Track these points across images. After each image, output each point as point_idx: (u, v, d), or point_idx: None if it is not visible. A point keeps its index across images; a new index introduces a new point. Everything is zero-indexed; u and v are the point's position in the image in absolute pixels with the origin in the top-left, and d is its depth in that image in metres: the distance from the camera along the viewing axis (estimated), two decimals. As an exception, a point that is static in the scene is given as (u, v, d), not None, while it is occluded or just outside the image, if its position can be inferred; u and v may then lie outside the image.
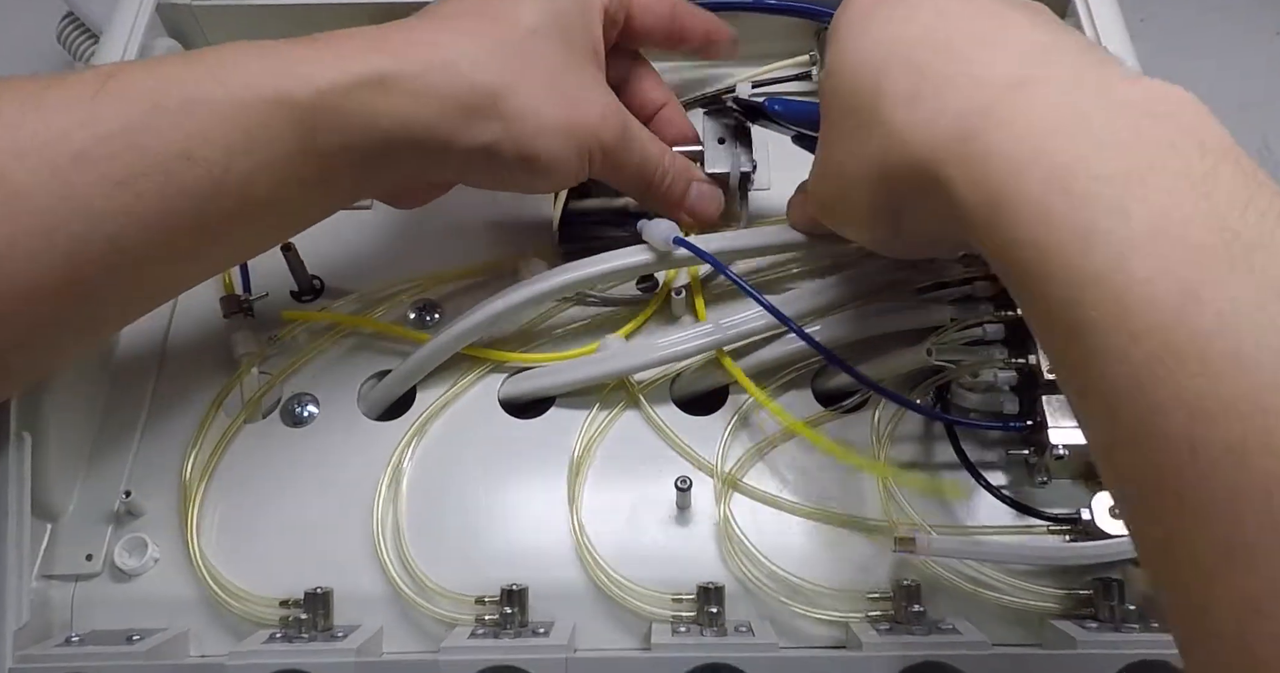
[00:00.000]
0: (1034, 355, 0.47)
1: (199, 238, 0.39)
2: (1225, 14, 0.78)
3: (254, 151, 0.38)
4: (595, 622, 0.45)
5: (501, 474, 0.49)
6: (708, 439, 0.49)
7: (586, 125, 0.44)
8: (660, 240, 0.47)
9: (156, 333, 0.53)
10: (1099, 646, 0.40)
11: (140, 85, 0.37)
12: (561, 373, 0.50)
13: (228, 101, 0.37)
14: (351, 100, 0.39)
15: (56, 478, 0.47)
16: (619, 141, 0.46)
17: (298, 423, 0.50)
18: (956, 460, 0.48)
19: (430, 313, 0.54)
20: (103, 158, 0.35)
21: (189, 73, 0.38)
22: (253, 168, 0.38)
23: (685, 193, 0.51)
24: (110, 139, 0.35)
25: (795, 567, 0.45)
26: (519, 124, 0.42)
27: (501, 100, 0.42)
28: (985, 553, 0.44)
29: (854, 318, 0.50)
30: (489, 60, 0.42)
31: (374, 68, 0.39)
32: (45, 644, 0.43)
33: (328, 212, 0.45)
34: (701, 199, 0.51)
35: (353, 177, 0.42)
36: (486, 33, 0.43)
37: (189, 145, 0.36)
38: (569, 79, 0.44)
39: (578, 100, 0.44)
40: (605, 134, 0.45)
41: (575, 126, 0.44)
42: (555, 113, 0.43)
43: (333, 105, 0.39)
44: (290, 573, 0.46)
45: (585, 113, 0.44)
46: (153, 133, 0.36)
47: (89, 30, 0.69)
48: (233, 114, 0.37)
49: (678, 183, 0.50)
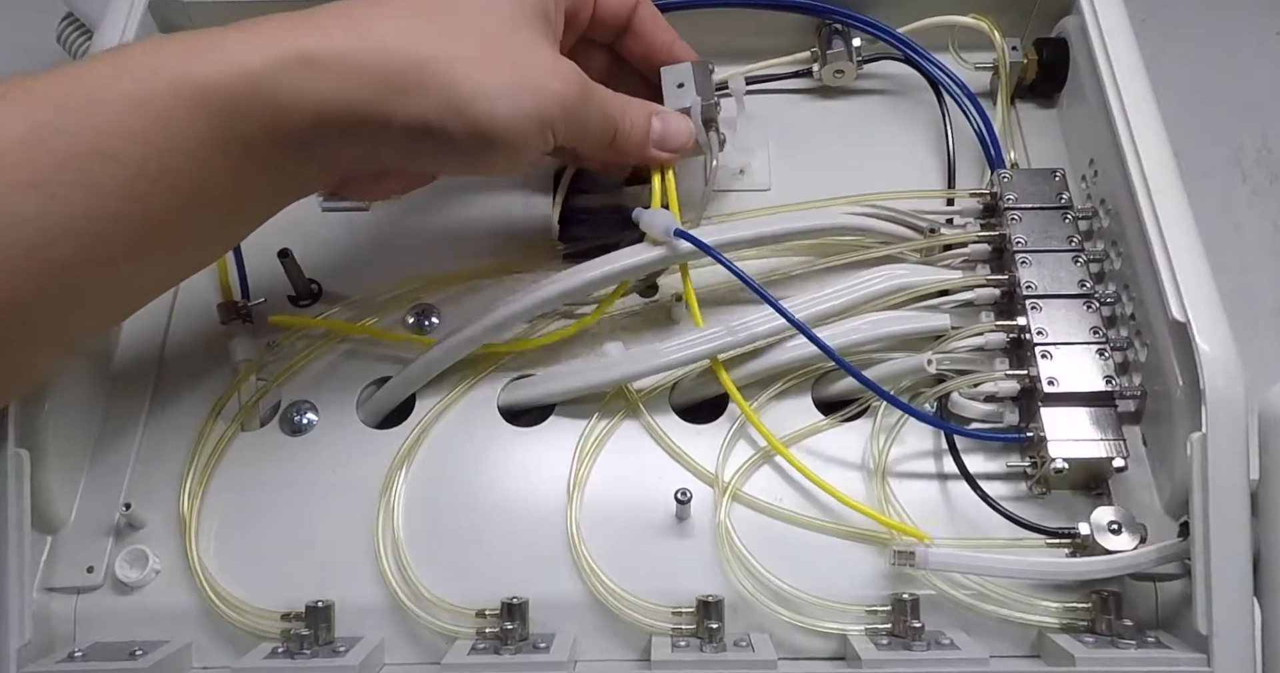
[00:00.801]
0: (1034, 367, 0.47)
1: (137, 239, 0.38)
2: (1225, 14, 0.77)
3: (172, 142, 0.36)
4: (594, 634, 0.45)
5: (501, 483, 0.49)
6: (707, 448, 0.49)
7: (537, 87, 0.42)
8: (659, 232, 0.47)
9: (153, 340, 0.53)
10: (1098, 663, 0.41)
11: (40, 90, 0.35)
12: (561, 380, 0.50)
13: (136, 94, 0.36)
14: (273, 82, 0.37)
15: (56, 490, 0.47)
16: (578, 101, 0.43)
17: (296, 431, 0.50)
18: (955, 472, 0.48)
19: (428, 317, 0.53)
20: (9, 164, 0.34)
21: (94, 71, 0.36)
22: (174, 159, 0.37)
23: (648, 130, 0.48)
24: (15, 144, 0.34)
25: (794, 578, 0.45)
26: (455, 92, 0.40)
27: (433, 69, 0.40)
28: (984, 568, 0.44)
29: (854, 326, 0.49)
30: (419, 30, 0.40)
31: (299, 47, 0.38)
32: (48, 660, 0.43)
33: (276, 202, 0.43)
34: (667, 131, 0.49)
35: (287, 163, 0.40)
36: (415, 6, 0.41)
37: (101, 142, 0.35)
38: (512, 41, 0.42)
39: (522, 62, 0.42)
40: (561, 93, 0.42)
41: (522, 89, 0.41)
42: (497, 78, 0.41)
43: (253, 88, 0.37)
44: (291, 584, 0.46)
45: (532, 75, 0.42)
46: (60, 133, 0.35)
47: (89, 30, 0.68)
48: (144, 106, 0.36)
49: (638, 123, 0.48)
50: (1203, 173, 0.70)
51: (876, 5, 0.59)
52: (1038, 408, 0.47)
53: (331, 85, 0.38)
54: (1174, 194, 0.47)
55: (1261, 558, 0.41)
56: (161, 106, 0.36)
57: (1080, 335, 0.48)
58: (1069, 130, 0.59)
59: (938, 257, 0.53)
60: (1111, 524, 0.44)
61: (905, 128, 0.60)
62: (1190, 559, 0.41)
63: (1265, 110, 0.73)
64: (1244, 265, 0.68)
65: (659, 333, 0.53)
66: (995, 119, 0.58)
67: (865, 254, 0.52)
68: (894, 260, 0.52)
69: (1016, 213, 0.52)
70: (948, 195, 0.55)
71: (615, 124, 0.46)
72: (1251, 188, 0.70)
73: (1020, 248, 0.51)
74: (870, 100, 0.61)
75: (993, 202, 0.54)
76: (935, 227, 0.53)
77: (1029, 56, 0.59)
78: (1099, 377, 0.47)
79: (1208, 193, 0.70)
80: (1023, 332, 0.49)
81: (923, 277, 0.51)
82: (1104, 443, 0.46)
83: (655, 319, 0.53)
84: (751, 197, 0.57)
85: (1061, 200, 0.52)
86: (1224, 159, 0.71)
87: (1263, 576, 0.41)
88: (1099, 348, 0.48)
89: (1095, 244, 0.53)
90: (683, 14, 0.58)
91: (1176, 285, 0.44)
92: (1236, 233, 0.69)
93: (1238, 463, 0.41)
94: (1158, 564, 0.43)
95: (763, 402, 0.50)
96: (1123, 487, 0.47)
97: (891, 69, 0.60)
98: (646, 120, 0.48)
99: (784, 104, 0.61)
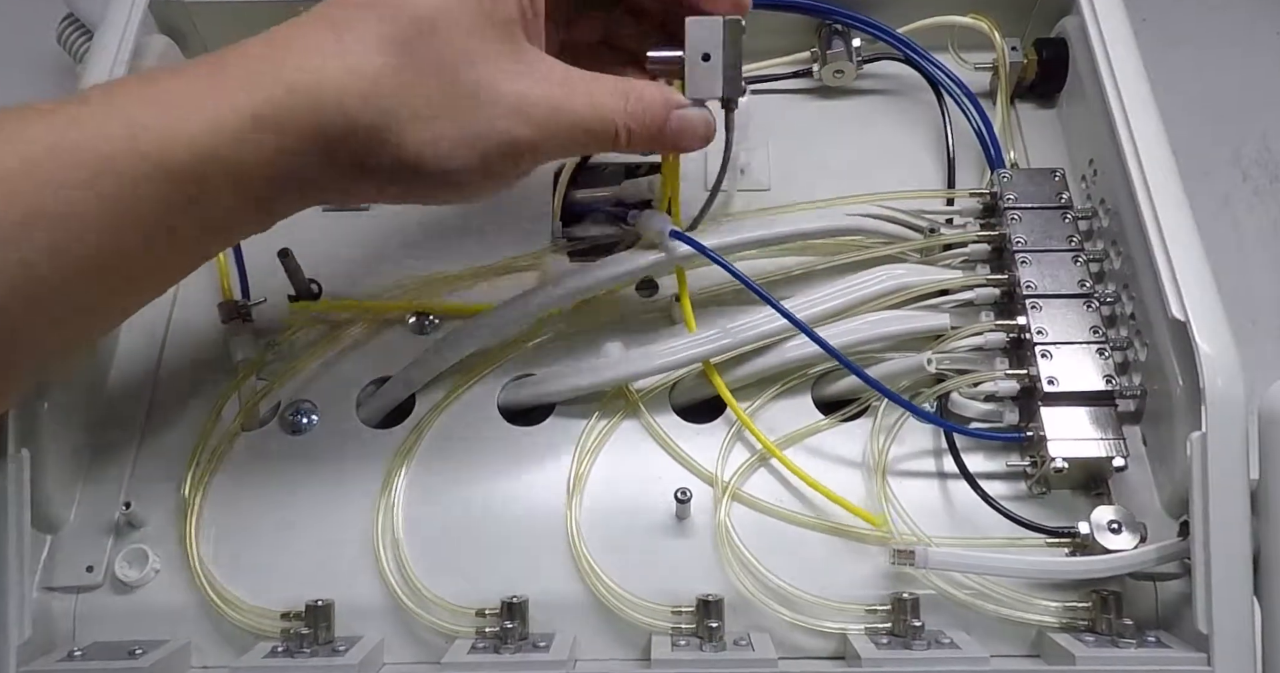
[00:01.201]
0: (1034, 367, 0.47)
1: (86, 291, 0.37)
2: (1225, 14, 0.77)
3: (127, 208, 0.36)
4: (594, 633, 0.45)
5: (501, 483, 0.49)
6: (707, 447, 0.49)
7: (491, 134, 0.39)
8: (655, 234, 0.47)
9: (153, 340, 0.53)
10: (1098, 662, 0.41)
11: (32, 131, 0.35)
12: (561, 380, 0.50)
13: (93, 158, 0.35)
14: (224, 151, 0.36)
15: (56, 490, 0.47)
16: (545, 133, 0.40)
17: (296, 431, 0.50)
18: (955, 471, 0.48)
19: (429, 317, 0.53)
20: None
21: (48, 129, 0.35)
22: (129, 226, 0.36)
23: (663, 125, 0.43)
24: None
25: (794, 578, 0.45)
26: (407, 153, 0.38)
27: (382, 134, 0.38)
28: (984, 567, 0.44)
29: (854, 326, 0.49)
30: (372, 78, 0.37)
31: (250, 109, 0.36)
32: (48, 659, 0.43)
33: (232, 240, 0.44)
34: (685, 128, 0.44)
35: (246, 214, 0.39)
36: (373, 37, 0.38)
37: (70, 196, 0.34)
38: (468, 78, 0.39)
39: (477, 108, 0.39)
40: (520, 136, 0.40)
41: (477, 140, 0.39)
42: (449, 130, 0.39)
43: (203, 160, 0.36)
44: (290, 583, 0.46)
45: (486, 121, 0.39)
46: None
47: (89, 31, 0.69)
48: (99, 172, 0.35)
49: (651, 118, 0.43)
50: (1203, 173, 0.70)
51: (876, 5, 0.59)
52: (1037, 407, 0.47)
53: (282, 151, 0.37)
54: (1174, 194, 0.47)
55: (1261, 557, 0.41)
56: (118, 175, 0.35)
57: (1080, 335, 0.48)
58: (1069, 130, 0.59)
59: (938, 256, 0.53)
60: (1111, 524, 0.44)
61: (905, 128, 0.60)
62: (1190, 559, 0.41)
63: (1265, 110, 0.73)
64: (1244, 265, 0.68)
65: (659, 333, 0.53)
66: (995, 119, 0.58)
67: (865, 254, 0.52)
68: (894, 260, 0.52)
69: (1016, 213, 0.52)
70: (947, 195, 0.56)
71: (610, 133, 0.42)
72: (1251, 188, 0.70)
73: (1020, 247, 0.51)
74: (870, 100, 0.61)
75: (992, 201, 0.54)
76: (935, 226, 0.53)
77: (1029, 56, 0.59)
78: (1099, 376, 0.47)
79: (1208, 193, 0.70)
80: (1022, 331, 0.49)
81: (922, 276, 0.51)
82: (1104, 442, 0.46)
83: (656, 319, 0.53)
84: (751, 196, 0.57)
85: (1061, 200, 0.52)
86: (1224, 159, 0.71)
87: (1263, 575, 0.41)
88: (1099, 347, 0.48)
89: (1095, 244, 0.53)
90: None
91: (1176, 285, 0.44)
92: (1236, 233, 0.69)
93: (1237, 462, 0.41)
94: (1158, 564, 0.43)
95: (763, 402, 0.50)
96: (1122, 486, 0.47)
97: (891, 69, 0.60)
98: (664, 116, 0.43)
99: (784, 104, 0.61)
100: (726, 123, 0.46)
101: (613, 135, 0.42)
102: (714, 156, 0.57)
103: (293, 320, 0.53)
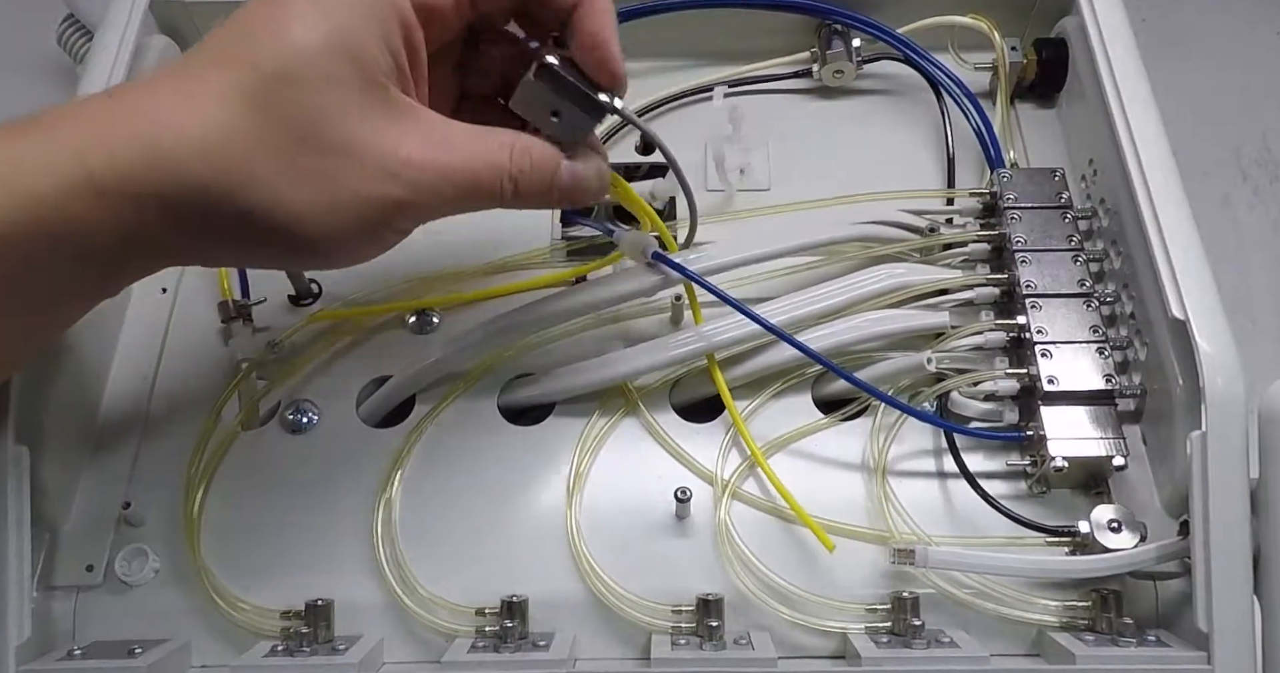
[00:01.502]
0: (1034, 366, 0.47)
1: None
2: (1225, 14, 0.77)
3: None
4: (594, 632, 0.45)
5: (500, 482, 0.49)
6: (707, 446, 0.49)
7: (355, 198, 0.36)
8: (638, 255, 0.47)
9: (153, 339, 0.53)
10: (1098, 661, 0.41)
11: None
12: (561, 379, 0.50)
13: None
14: (65, 211, 0.34)
15: (56, 488, 0.47)
16: (419, 195, 0.37)
17: (296, 430, 0.50)
18: (955, 471, 0.48)
19: (429, 317, 0.53)
20: None
21: None
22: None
23: (551, 180, 0.40)
24: None
25: (794, 577, 0.45)
26: (260, 221, 0.35)
27: (233, 204, 0.35)
28: (984, 566, 0.44)
29: (853, 324, 0.49)
30: (224, 135, 0.34)
31: (85, 171, 0.33)
32: (48, 658, 0.43)
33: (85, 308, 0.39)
34: (576, 184, 0.41)
35: (87, 283, 0.37)
36: (227, 91, 0.35)
37: None
38: (332, 135, 0.35)
39: (340, 168, 0.35)
40: (389, 197, 0.36)
41: (338, 205, 0.36)
42: (308, 196, 0.35)
43: (43, 220, 0.33)
44: (290, 582, 0.46)
45: (350, 183, 0.36)
46: None
47: (89, 32, 0.69)
48: None
49: (539, 173, 0.40)
50: (1203, 173, 0.70)
51: (876, 5, 0.59)
52: (1037, 407, 0.47)
53: (119, 216, 0.34)
54: (1174, 194, 0.47)
55: (1261, 556, 0.41)
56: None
57: (1080, 334, 0.48)
58: (1068, 130, 0.59)
59: (937, 256, 0.53)
60: (1111, 523, 0.44)
61: (905, 128, 0.60)
62: (1190, 558, 0.41)
63: (1265, 110, 0.73)
64: (1244, 265, 0.68)
65: (660, 333, 0.53)
66: (995, 119, 0.58)
67: (865, 253, 0.52)
68: (893, 259, 0.52)
69: (1016, 212, 0.52)
70: (947, 195, 0.56)
71: (495, 186, 0.39)
72: (1252, 188, 0.70)
73: (1020, 247, 0.51)
74: (870, 100, 0.61)
75: (992, 201, 0.54)
76: (935, 226, 0.53)
77: (1028, 57, 0.59)
78: (1099, 375, 0.47)
79: (1208, 193, 0.70)
80: (1022, 330, 0.49)
81: (922, 275, 0.51)
82: (1104, 442, 0.46)
83: (656, 319, 0.53)
84: (751, 196, 0.57)
85: (1061, 200, 0.52)
86: (1224, 159, 0.71)
87: (1263, 574, 0.41)
88: (1099, 347, 0.48)
89: (1095, 243, 0.53)
90: (682, 15, 0.58)
91: (1176, 284, 0.44)
92: (1236, 233, 0.69)
93: (1238, 461, 0.41)
94: (1158, 563, 0.43)
95: (762, 401, 0.50)
96: (1122, 485, 0.47)
97: (891, 69, 0.60)
98: (550, 167, 0.40)
99: (784, 104, 0.61)
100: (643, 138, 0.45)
101: (496, 191, 0.39)
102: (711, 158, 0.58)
103: (318, 318, 0.53)
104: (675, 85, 0.60)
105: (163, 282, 0.55)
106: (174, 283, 0.55)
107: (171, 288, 0.55)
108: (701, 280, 0.46)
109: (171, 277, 0.55)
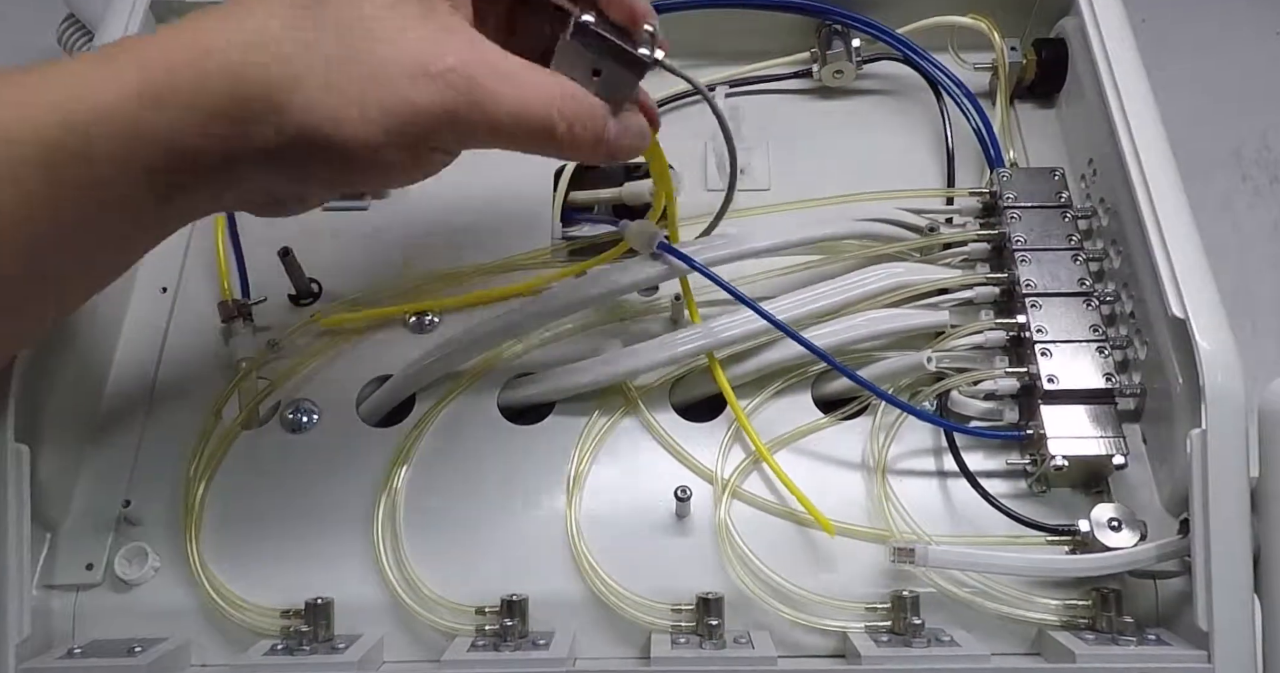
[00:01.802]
0: (1034, 365, 0.47)
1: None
2: (1225, 14, 0.78)
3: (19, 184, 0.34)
4: (594, 631, 0.45)
5: (501, 481, 0.49)
6: (707, 446, 0.49)
7: (391, 100, 0.36)
8: (643, 246, 0.47)
9: (154, 338, 0.53)
10: (1098, 660, 0.41)
11: None
12: (561, 378, 0.50)
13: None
14: (118, 123, 0.34)
15: (56, 487, 0.47)
16: (450, 111, 0.36)
17: (296, 430, 0.50)
18: (955, 470, 0.48)
19: (429, 316, 0.53)
20: None
21: None
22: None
23: (604, 128, 0.40)
24: None
25: (794, 575, 0.45)
26: (302, 120, 0.35)
27: (278, 96, 0.35)
28: (984, 564, 0.44)
29: (853, 323, 0.49)
30: (273, 35, 0.35)
31: (145, 82, 0.35)
32: (47, 657, 0.43)
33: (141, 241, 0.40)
34: (624, 134, 0.41)
35: (144, 202, 0.37)
36: (277, 2, 0.36)
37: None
38: (377, 32, 0.36)
39: (381, 66, 0.36)
40: (420, 106, 0.36)
41: (373, 106, 0.36)
42: (346, 94, 0.35)
43: (97, 132, 0.34)
44: (290, 581, 0.46)
45: (387, 83, 0.36)
46: None
47: (89, 32, 0.69)
48: None
49: (592, 120, 0.39)
50: (1203, 173, 0.70)
51: (876, 5, 0.59)
52: (1037, 406, 0.47)
53: (179, 124, 0.35)
54: (1174, 194, 0.47)
55: (1262, 555, 0.41)
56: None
57: (1080, 333, 0.48)
58: (1068, 130, 0.59)
59: (937, 255, 0.53)
60: (1111, 521, 0.44)
61: (905, 128, 0.60)
62: (1190, 556, 0.41)
63: (1265, 110, 0.73)
64: (1244, 265, 0.68)
65: (660, 333, 0.52)
66: (994, 119, 0.58)
67: (865, 252, 0.52)
68: (893, 258, 0.52)
69: (1016, 211, 0.52)
70: (947, 194, 0.56)
71: (537, 127, 0.38)
72: (1252, 188, 0.70)
73: (1020, 246, 0.51)
74: (870, 100, 0.62)
75: (992, 200, 0.54)
76: (935, 225, 0.53)
77: (1028, 57, 0.59)
78: (1099, 374, 0.47)
79: (1208, 193, 0.70)
80: (1022, 329, 0.49)
81: (922, 275, 0.51)
82: (1104, 440, 0.46)
83: (657, 319, 0.53)
84: (751, 196, 0.57)
85: (1061, 199, 0.52)
86: (1224, 159, 0.71)
87: (1263, 572, 0.41)
88: (1099, 346, 0.48)
89: (1094, 243, 0.53)
90: (682, 14, 0.58)
91: (1176, 283, 0.44)
92: (1236, 233, 0.69)
93: (1238, 460, 0.41)
94: (1158, 561, 0.43)
95: (762, 400, 0.50)
96: (1122, 484, 0.47)
97: (891, 69, 0.60)
98: (602, 115, 0.40)
99: (784, 104, 0.62)
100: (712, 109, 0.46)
101: (550, 127, 0.38)
102: (711, 157, 0.58)
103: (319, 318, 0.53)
104: (675, 85, 0.60)
105: (163, 281, 0.55)
106: (174, 283, 0.55)
107: (172, 288, 0.55)
108: (706, 271, 0.46)
109: (172, 277, 0.55)
